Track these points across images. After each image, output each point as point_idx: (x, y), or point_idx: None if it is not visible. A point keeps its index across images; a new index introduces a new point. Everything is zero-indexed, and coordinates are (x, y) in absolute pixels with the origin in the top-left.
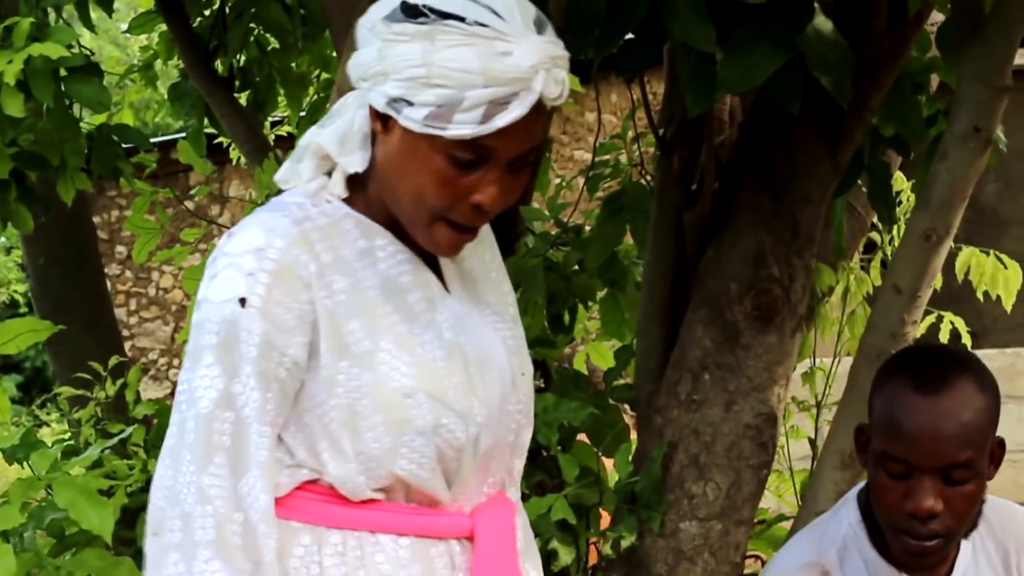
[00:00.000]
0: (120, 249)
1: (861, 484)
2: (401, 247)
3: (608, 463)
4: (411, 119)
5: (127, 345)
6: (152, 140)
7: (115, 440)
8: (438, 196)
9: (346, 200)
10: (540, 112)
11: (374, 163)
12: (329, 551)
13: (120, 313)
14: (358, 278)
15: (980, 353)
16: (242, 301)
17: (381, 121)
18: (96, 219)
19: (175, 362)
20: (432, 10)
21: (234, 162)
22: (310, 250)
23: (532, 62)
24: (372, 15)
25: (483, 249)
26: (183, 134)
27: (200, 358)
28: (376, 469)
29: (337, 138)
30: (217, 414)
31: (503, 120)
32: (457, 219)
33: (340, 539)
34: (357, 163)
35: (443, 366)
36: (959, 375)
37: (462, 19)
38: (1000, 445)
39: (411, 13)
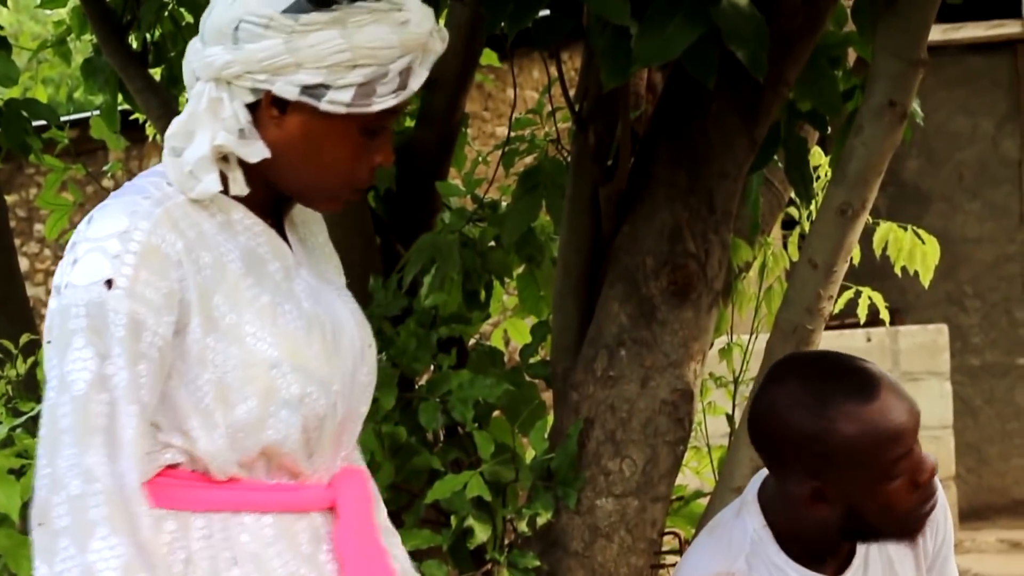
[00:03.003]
0: (39, 227)
1: (756, 484)
2: (256, 219)
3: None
4: (336, 102)
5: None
6: (71, 117)
7: (25, 418)
8: (353, 167)
9: None
10: None
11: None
12: (195, 535)
13: (39, 292)
14: (221, 251)
15: (902, 329)
16: (108, 283)
17: (278, 108)
18: (14, 197)
19: None
20: None
21: (151, 139)
22: (175, 228)
23: (429, 25)
24: (260, 10)
25: (317, 227)
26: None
27: (70, 343)
28: (244, 440)
29: (235, 135)
30: (92, 396)
31: (416, 82)
32: (360, 183)
33: (205, 522)
34: (260, 151)
35: (303, 336)
36: (857, 361)
37: None
38: None
39: (318, 1)
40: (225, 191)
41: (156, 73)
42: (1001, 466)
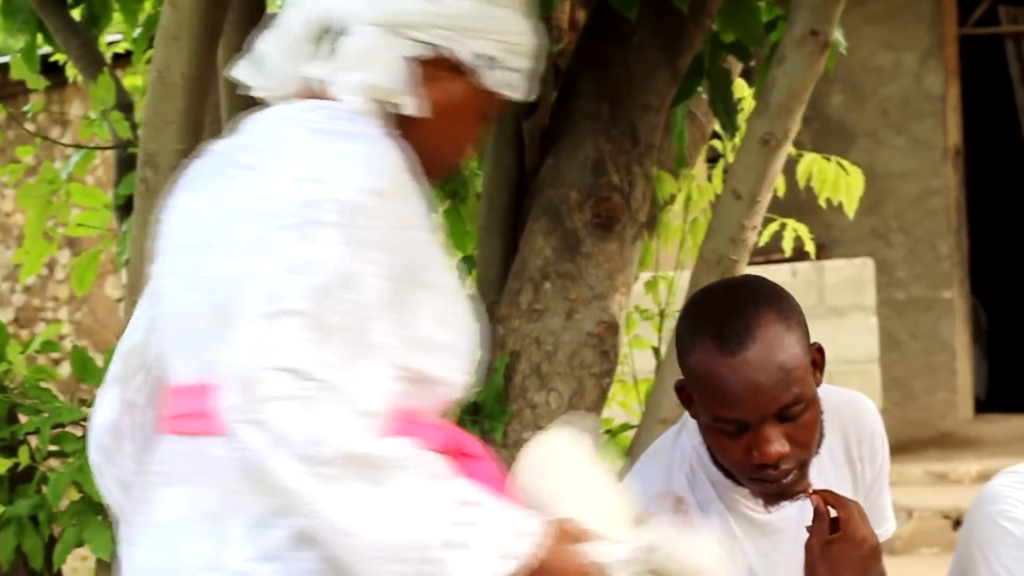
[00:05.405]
0: None
1: None
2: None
3: None
4: (497, 80)
5: None
6: None
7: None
8: (469, 146)
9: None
10: None
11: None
12: None
13: None
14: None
15: (828, 264)
16: (374, 191)
17: (449, 70)
18: None
19: (17, 287)
20: None
21: (72, 81)
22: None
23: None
24: None
25: None
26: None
27: (321, 234)
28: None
29: (394, 82)
30: (339, 293)
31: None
32: (464, 161)
33: None
34: (413, 105)
35: (471, 326)
36: (758, 316)
37: None
38: (819, 351)
39: None
40: None
41: (76, 13)
42: (927, 399)
